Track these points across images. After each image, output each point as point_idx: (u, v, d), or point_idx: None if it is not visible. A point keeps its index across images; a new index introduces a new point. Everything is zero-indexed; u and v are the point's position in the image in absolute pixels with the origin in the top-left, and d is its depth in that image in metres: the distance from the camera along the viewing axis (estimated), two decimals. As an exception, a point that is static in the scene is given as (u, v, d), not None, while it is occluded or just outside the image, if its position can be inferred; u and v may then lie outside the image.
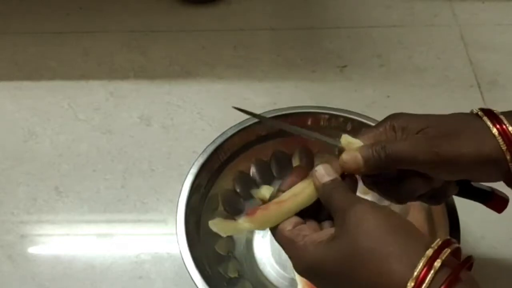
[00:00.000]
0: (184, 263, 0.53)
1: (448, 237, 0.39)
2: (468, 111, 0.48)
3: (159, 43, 0.87)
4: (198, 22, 0.90)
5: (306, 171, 0.47)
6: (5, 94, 0.81)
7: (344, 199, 0.42)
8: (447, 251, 0.37)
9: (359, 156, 0.45)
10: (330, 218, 0.44)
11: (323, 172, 0.45)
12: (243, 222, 0.46)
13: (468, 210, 0.55)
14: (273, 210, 0.46)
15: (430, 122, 0.45)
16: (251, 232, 0.64)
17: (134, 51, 0.86)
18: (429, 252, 0.37)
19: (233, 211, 0.64)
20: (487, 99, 0.78)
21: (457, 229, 0.54)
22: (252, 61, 0.84)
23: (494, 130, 0.44)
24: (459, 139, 0.44)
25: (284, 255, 0.61)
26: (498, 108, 0.46)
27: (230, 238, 0.62)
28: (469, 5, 0.91)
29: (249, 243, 0.63)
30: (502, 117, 0.45)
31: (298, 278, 0.58)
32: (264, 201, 0.65)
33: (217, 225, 0.48)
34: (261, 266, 0.61)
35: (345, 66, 0.83)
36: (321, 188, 0.44)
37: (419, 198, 0.49)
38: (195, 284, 0.52)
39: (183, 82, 0.82)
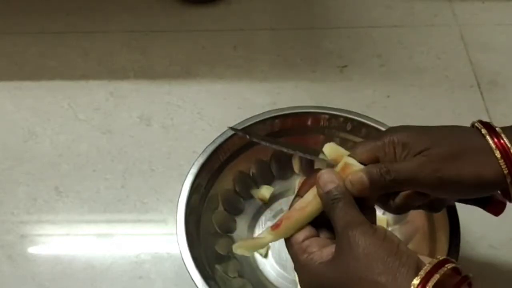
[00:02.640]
0: (184, 263, 0.53)
1: (440, 258, 0.39)
2: (468, 111, 0.48)
3: (159, 43, 0.87)
4: (198, 22, 0.90)
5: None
6: (5, 94, 0.81)
7: (344, 217, 0.42)
8: (436, 277, 0.37)
9: (365, 179, 0.45)
10: None
11: (326, 179, 0.44)
12: (267, 235, 0.46)
13: (468, 210, 0.55)
14: (295, 218, 0.45)
15: (432, 141, 0.45)
16: (251, 232, 0.64)
17: (134, 51, 0.86)
18: (416, 281, 0.37)
19: (233, 211, 0.64)
20: (487, 99, 0.78)
21: (457, 229, 0.54)
22: (252, 61, 0.84)
23: (497, 153, 0.44)
24: (461, 162, 0.44)
25: (284, 255, 0.61)
26: (498, 108, 0.46)
27: (230, 238, 0.62)
28: (469, 5, 0.91)
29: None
30: (503, 135, 0.44)
31: (298, 279, 0.58)
32: (264, 201, 0.66)
33: (241, 247, 0.47)
34: (261, 266, 0.61)
35: (345, 66, 0.83)
36: (324, 198, 0.44)
37: (419, 207, 0.49)
38: (195, 284, 0.52)
39: (183, 82, 0.82)
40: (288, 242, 0.45)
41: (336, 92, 0.80)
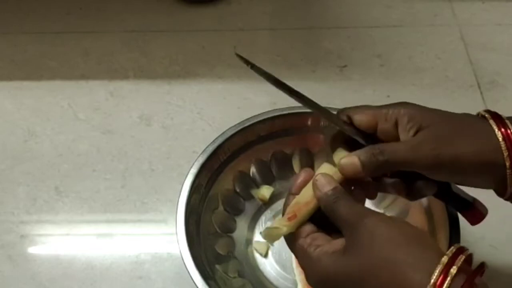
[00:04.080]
0: (184, 263, 0.53)
1: (461, 245, 0.40)
2: (468, 111, 0.48)
3: (159, 43, 0.87)
4: (198, 22, 0.90)
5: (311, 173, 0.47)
6: (5, 94, 0.81)
7: (351, 212, 0.42)
8: (462, 257, 0.38)
9: (357, 160, 0.45)
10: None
11: (324, 182, 0.44)
12: (283, 226, 0.45)
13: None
14: (303, 211, 0.45)
15: (434, 120, 0.45)
16: (251, 232, 0.64)
17: (134, 51, 0.86)
18: (445, 259, 0.37)
19: (233, 211, 0.64)
20: (487, 99, 0.78)
21: (457, 229, 0.54)
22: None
23: (499, 134, 0.44)
24: (460, 140, 0.44)
25: (284, 255, 0.61)
26: (498, 108, 0.46)
27: (230, 238, 0.62)
28: (469, 5, 0.91)
29: (249, 243, 0.63)
30: (508, 121, 0.44)
31: (298, 278, 0.58)
32: (264, 201, 0.66)
33: (267, 236, 0.46)
34: (261, 266, 0.61)
35: (345, 66, 0.83)
36: (323, 198, 0.44)
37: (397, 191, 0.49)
38: (195, 284, 0.52)
39: (183, 82, 0.82)
40: (292, 237, 0.45)
41: (336, 92, 0.80)
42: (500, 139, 0.43)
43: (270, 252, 0.62)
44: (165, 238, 0.66)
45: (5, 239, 0.66)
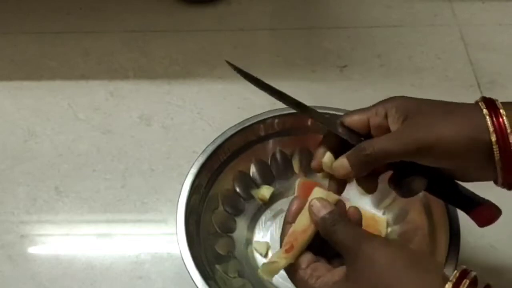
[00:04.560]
0: (184, 263, 0.53)
1: (464, 267, 0.39)
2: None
3: (159, 43, 0.87)
4: (198, 22, 0.90)
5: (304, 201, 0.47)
6: (5, 94, 0.81)
7: (350, 236, 0.42)
8: (466, 282, 0.37)
9: (345, 161, 0.46)
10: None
11: (320, 206, 0.44)
12: (281, 259, 0.45)
13: (468, 210, 0.55)
14: (300, 240, 0.45)
15: (422, 107, 0.45)
16: (251, 232, 0.64)
17: (134, 51, 0.86)
18: (449, 286, 0.37)
19: (233, 211, 0.64)
20: (487, 99, 0.78)
21: (457, 229, 0.54)
22: (252, 61, 0.84)
23: (485, 111, 0.43)
24: (442, 124, 0.43)
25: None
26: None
27: (230, 238, 0.62)
28: (469, 5, 0.91)
29: (249, 243, 0.63)
30: (499, 103, 0.44)
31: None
32: (264, 201, 0.66)
33: (265, 273, 0.46)
34: (261, 266, 0.61)
35: (345, 66, 0.83)
36: (320, 223, 0.44)
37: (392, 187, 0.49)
38: (195, 284, 0.52)
39: (183, 82, 0.82)
40: (291, 269, 0.45)
41: (336, 92, 0.80)
42: (487, 117, 0.43)
43: (270, 252, 0.62)
44: (165, 238, 0.66)
45: (5, 239, 0.66)
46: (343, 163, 0.46)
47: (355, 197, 0.65)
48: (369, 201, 0.65)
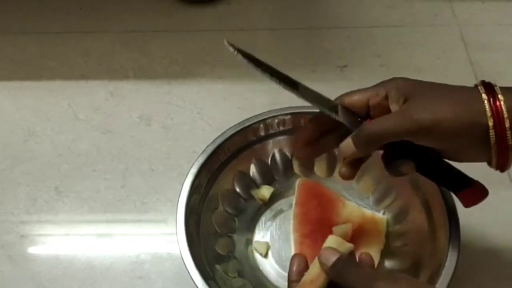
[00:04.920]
0: (184, 263, 0.53)
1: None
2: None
3: (159, 43, 0.87)
4: (198, 22, 0.90)
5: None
6: (5, 94, 0.81)
7: (360, 278, 0.42)
8: None
9: (351, 142, 0.48)
10: None
11: (328, 255, 0.45)
12: None
13: (468, 210, 0.55)
14: None
15: (422, 89, 0.46)
16: (251, 232, 0.64)
17: (134, 51, 0.86)
18: None
19: (233, 211, 0.64)
20: (487, 99, 0.78)
21: (457, 229, 0.54)
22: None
23: (484, 96, 0.44)
24: (441, 105, 0.44)
25: (284, 255, 0.61)
26: (498, 107, 0.46)
27: (230, 238, 0.62)
28: (469, 5, 0.91)
29: (249, 243, 0.63)
30: (497, 88, 0.45)
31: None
32: (264, 201, 0.66)
33: None
34: (261, 266, 0.61)
35: (345, 66, 0.83)
36: (331, 272, 0.45)
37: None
38: (195, 284, 0.52)
39: (183, 82, 0.82)
40: None
41: (336, 92, 0.79)
42: (485, 101, 0.44)
43: (270, 252, 0.62)
44: (165, 238, 0.66)
45: (5, 239, 0.66)
46: (349, 143, 0.48)
47: (355, 198, 0.65)
48: (369, 201, 0.65)
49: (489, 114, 0.43)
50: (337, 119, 0.49)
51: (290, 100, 0.78)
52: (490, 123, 0.43)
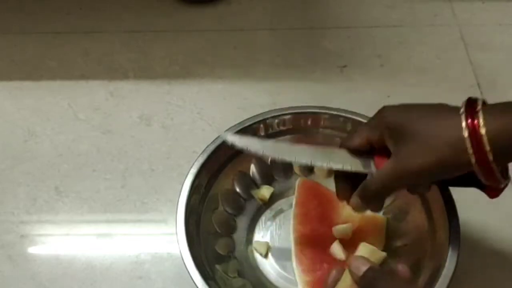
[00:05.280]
0: (184, 263, 0.53)
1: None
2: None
3: (159, 43, 0.87)
4: (198, 22, 0.90)
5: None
6: (5, 94, 0.81)
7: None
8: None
9: (358, 200, 0.51)
10: None
11: (358, 264, 0.45)
12: None
13: (468, 209, 0.55)
14: None
15: (412, 123, 0.46)
16: (251, 232, 0.64)
17: (134, 51, 0.86)
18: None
19: (233, 211, 0.64)
20: (487, 99, 0.77)
21: (457, 229, 0.54)
22: (252, 61, 0.84)
23: (464, 128, 0.43)
24: (426, 148, 0.45)
25: (284, 256, 0.61)
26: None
27: (230, 238, 0.62)
28: (469, 5, 0.91)
29: (249, 243, 0.63)
30: (480, 113, 0.43)
31: (298, 278, 0.58)
32: (264, 201, 0.66)
33: None
34: (261, 266, 0.61)
35: (345, 66, 0.83)
36: (361, 282, 0.45)
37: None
38: (195, 284, 0.52)
39: (183, 82, 0.82)
40: None
41: (336, 92, 0.80)
42: (466, 135, 0.43)
43: (270, 252, 0.62)
44: (165, 238, 0.66)
45: (5, 239, 0.66)
46: (357, 202, 0.51)
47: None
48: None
49: (470, 151, 0.43)
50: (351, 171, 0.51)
51: (290, 100, 0.78)
52: (473, 160, 0.43)
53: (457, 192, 0.55)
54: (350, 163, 0.51)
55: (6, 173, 0.72)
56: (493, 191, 0.50)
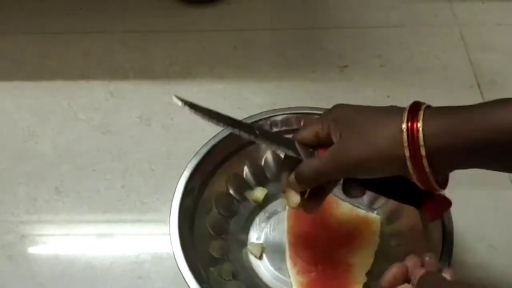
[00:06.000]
0: (178, 266, 0.53)
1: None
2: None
3: (159, 43, 0.87)
4: (198, 22, 0.90)
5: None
6: (5, 94, 0.81)
7: None
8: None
9: (294, 179, 0.51)
10: None
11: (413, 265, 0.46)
12: None
13: (468, 210, 0.55)
14: None
15: (356, 119, 0.47)
16: (245, 234, 0.64)
17: (134, 51, 0.86)
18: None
19: (227, 213, 0.64)
20: (487, 99, 0.77)
21: (450, 228, 0.54)
22: (252, 61, 0.84)
23: (404, 125, 0.44)
24: (367, 140, 0.46)
25: (279, 257, 0.61)
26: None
27: (224, 240, 0.62)
28: (469, 5, 0.91)
29: (243, 245, 0.63)
30: (421, 113, 0.44)
31: (293, 279, 0.58)
32: (258, 203, 0.65)
33: None
34: (256, 268, 0.61)
35: (345, 66, 0.83)
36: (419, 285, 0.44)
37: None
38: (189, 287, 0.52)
39: (183, 82, 0.82)
40: None
41: (336, 92, 0.80)
42: (404, 130, 0.44)
43: (264, 254, 0.62)
44: (165, 238, 0.66)
45: (5, 239, 0.66)
46: (292, 179, 0.51)
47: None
48: (363, 201, 0.64)
49: (405, 144, 0.44)
50: (296, 156, 0.52)
51: (290, 100, 0.78)
52: (407, 154, 0.44)
53: (449, 192, 0.55)
54: (290, 148, 0.52)
55: (6, 173, 0.72)
56: (431, 212, 0.50)
